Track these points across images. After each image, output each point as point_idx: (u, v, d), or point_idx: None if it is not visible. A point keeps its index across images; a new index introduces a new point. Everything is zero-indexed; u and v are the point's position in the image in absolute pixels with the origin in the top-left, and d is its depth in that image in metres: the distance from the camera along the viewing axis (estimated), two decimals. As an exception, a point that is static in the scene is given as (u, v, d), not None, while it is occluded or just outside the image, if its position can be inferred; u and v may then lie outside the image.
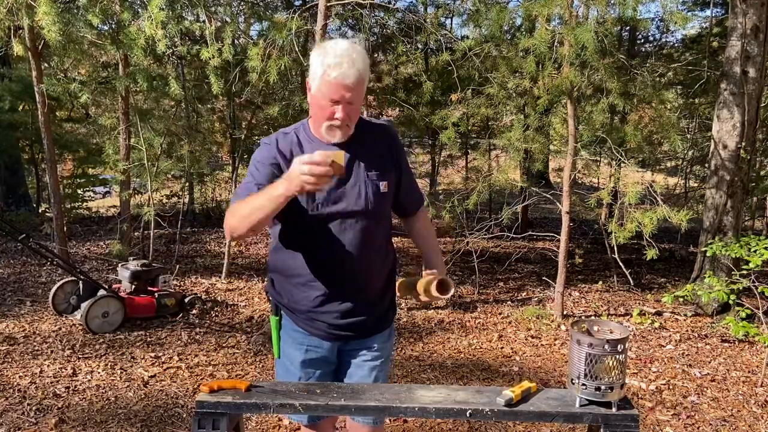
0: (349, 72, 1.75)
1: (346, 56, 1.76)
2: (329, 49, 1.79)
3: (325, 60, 1.77)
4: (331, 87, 1.77)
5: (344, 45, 1.79)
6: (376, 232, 1.95)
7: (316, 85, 1.81)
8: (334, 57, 1.76)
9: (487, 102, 5.89)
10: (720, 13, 8.72)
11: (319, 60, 1.79)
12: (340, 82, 1.76)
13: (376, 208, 1.92)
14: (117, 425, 3.27)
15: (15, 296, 5.57)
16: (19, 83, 8.69)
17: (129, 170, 6.60)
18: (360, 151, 1.91)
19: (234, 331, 4.85)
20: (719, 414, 3.62)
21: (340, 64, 1.75)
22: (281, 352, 2.08)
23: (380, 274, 2.03)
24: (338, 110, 1.80)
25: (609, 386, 1.64)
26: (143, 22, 5.35)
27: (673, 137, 5.49)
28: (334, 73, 1.75)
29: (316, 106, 1.84)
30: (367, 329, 2.03)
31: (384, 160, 1.96)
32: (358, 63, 1.77)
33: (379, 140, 1.98)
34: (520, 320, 5.33)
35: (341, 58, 1.75)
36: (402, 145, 2.07)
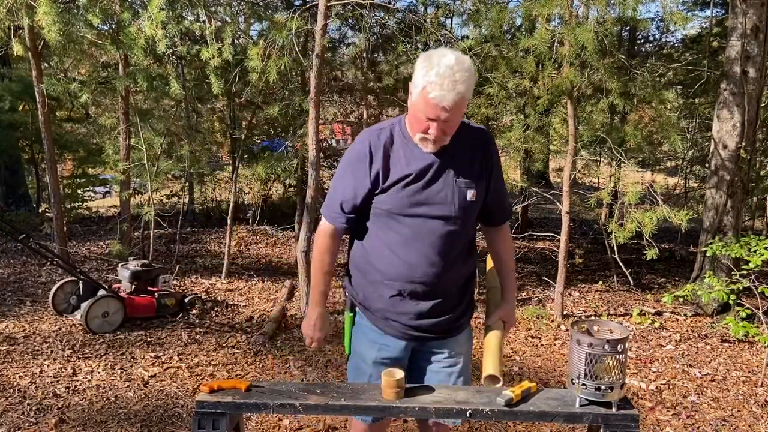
0: (449, 95, 1.72)
1: (448, 77, 1.71)
2: (435, 63, 1.73)
3: (428, 75, 1.72)
4: (428, 105, 1.75)
5: (449, 62, 1.72)
6: (458, 238, 1.93)
7: (415, 96, 1.79)
8: (436, 75, 1.71)
9: (487, 102, 5.89)
10: (720, 13, 8.72)
11: (422, 72, 1.75)
12: (438, 103, 1.73)
13: (461, 215, 1.91)
14: (117, 425, 3.27)
15: (15, 296, 5.57)
16: (19, 83, 8.69)
17: (129, 170, 6.60)
18: (452, 155, 1.89)
19: (234, 331, 4.85)
20: (719, 414, 3.62)
21: (441, 84, 1.71)
22: (352, 349, 2.09)
23: (459, 279, 2.01)
24: (432, 127, 1.79)
25: (609, 386, 1.64)
26: (143, 22, 5.35)
27: (673, 137, 5.49)
28: (433, 93, 1.72)
29: (413, 116, 1.83)
30: (442, 331, 2.02)
31: (476, 166, 1.93)
32: (459, 85, 1.72)
33: (473, 146, 1.93)
34: (520, 320, 5.33)
35: (443, 79, 1.70)
36: (497, 153, 2.01)
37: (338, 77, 9.08)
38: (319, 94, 5.16)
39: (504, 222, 2.11)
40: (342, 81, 9.10)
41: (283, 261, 7.59)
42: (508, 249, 2.13)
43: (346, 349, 2.11)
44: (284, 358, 4.31)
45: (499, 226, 2.10)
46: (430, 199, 1.88)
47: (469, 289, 2.08)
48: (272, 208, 10.39)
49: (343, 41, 9.32)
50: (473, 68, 1.78)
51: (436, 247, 1.89)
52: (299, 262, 5.31)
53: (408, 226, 1.89)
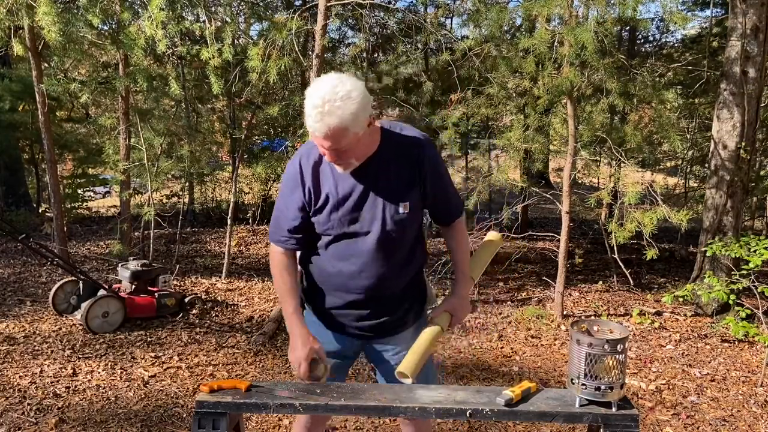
0: (317, 125, 1.69)
1: (316, 107, 1.67)
2: (310, 93, 1.71)
3: (306, 105, 1.72)
4: (317, 139, 1.75)
5: (321, 92, 1.69)
6: (395, 249, 1.95)
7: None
8: (308, 106, 1.70)
9: (487, 102, 5.89)
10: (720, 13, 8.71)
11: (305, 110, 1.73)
12: (313, 133, 1.73)
13: (394, 228, 1.91)
14: (117, 425, 3.27)
15: (15, 296, 5.57)
16: (19, 83, 8.69)
17: (129, 170, 6.60)
18: (379, 171, 1.88)
19: (234, 331, 4.85)
20: (719, 414, 3.62)
21: (310, 116, 1.70)
22: None
23: (401, 282, 2.03)
24: (326, 155, 1.80)
25: (609, 386, 1.64)
26: (143, 22, 5.35)
27: (672, 137, 5.49)
28: (307, 123, 1.73)
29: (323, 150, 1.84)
30: (385, 331, 2.06)
31: (405, 178, 1.90)
32: (327, 117, 1.67)
33: (403, 157, 1.90)
34: (520, 320, 5.33)
35: (312, 110, 1.68)
36: (434, 156, 1.95)
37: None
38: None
39: (452, 221, 2.10)
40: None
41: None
42: (460, 243, 2.12)
43: None
44: (284, 358, 4.31)
45: (451, 224, 2.10)
46: (360, 217, 1.90)
47: (416, 287, 2.09)
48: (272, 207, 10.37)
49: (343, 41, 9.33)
50: (357, 93, 1.70)
51: (372, 261, 1.93)
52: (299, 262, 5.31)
53: (343, 244, 1.94)
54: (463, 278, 2.10)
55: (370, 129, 1.79)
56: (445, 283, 6.49)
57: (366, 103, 1.73)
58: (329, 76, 1.75)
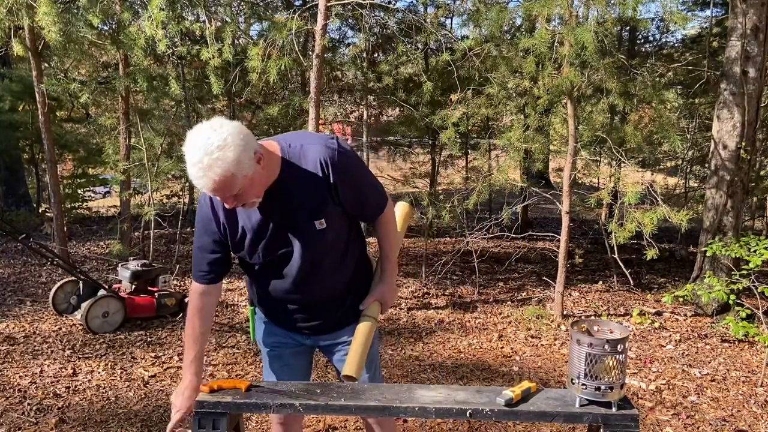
0: (201, 182, 1.66)
1: (196, 166, 1.64)
2: (186, 151, 1.66)
3: (187, 164, 1.67)
4: (210, 191, 1.71)
5: (196, 148, 1.63)
6: (321, 261, 1.96)
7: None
8: (189, 165, 1.66)
9: (487, 102, 5.89)
10: (720, 13, 8.71)
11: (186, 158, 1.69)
12: (206, 188, 1.69)
13: (316, 244, 1.92)
14: (117, 425, 3.27)
15: (15, 296, 5.57)
16: (19, 83, 8.69)
17: (129, 170, 6.60)
18: (285, 197, 1.85)
19: (234, 331, 4.85)
20: (719, 414, 3.62)
21: (191, 173, 1.66)
22: (257, 339, 2.24)
23: (337, 284, 2.05)
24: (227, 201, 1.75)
25: (609, 386, 1.64)
26: (143, 22, 5.35)
27: (672, 137, 5.49)
28: (198, 185, 1.69)
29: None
30: (330, 329, 2.12)
31: (317, 197, 1.86)
32: (209, 171, 1.63)
33: (308, 179, 1.84)
34: (520, 320, 5.33)
35: (192, 168, 1.65)
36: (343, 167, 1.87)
37: (338, 77, 9.08)
38: (319, 94, 5.16)
39: (374, 218, 2.09)
40: (342, 81, 9.11)
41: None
42: (386, 234, 2.12)
43: (252, 336, 2.28)
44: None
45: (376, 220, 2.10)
46: (281, 242, 1.91)
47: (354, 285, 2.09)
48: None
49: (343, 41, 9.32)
50: (232, 138, 1.65)
51: (302, 277, 1.96)
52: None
53: (272, 266, 1.96)
54: (389, 266, 2.14)
55: (263, 163, 1.74)
56: (445, 283, 6.49)
57: (246, 144, 1.67)
58: (200, 128, 1.68)
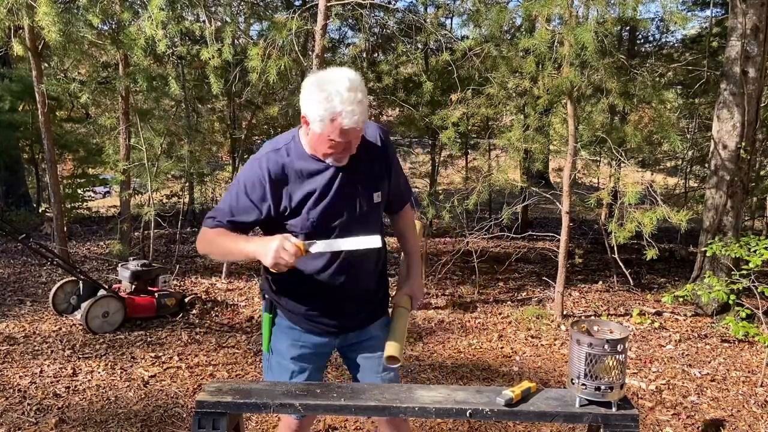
0: (362, 117, 1.74)
1: (355, 101, 1.71)
2: (334, 92, 1.71)
3: (333, 106, 1.71)
4: (343, 132, 1.75)
5: (347, 85, 1.71)
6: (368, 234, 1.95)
7: (322, 128, 1.76)
8: (341, 103, 1.70)
9: (487, 102, 5.89)
10: (720, 13, 8.71)
11: (322, 104, 1.72)
12: (354, 127, 1.74)
13: (370, 219, 1.96)
14: (117, 425, 3.27)
15: (15, 296, 5.57)
16: (19, 83, 8.69)
17: (129, 170, 6.60)
18: (355, 165, 1.91)
19: (234, 331, 4.85)
20: (719, 414, 3.62)
21: (352, 112, 1.71)
22: (274, 348, 2.11)
23: (374, 275, 2.08)
24: (348, 146, 1.81)
25: (609, 386, 1.64)
26: (143, 22, 5.35)
27: (672, 137, 5.49)
28: (347, 121, 1.72)
29: (321, 143, 1.81)
30: (362, 323, 2.10)
31: (377, 170, 1.97)
32: (364, 101, 1.73)
33: (372, 151, 1.96)
34: (520, 320, 5.33)
35: (353, 106, 1.71)
36: (392, 145, 2.05)
37: (338, 77, 9.06)
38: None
39: (401, 207, 2.16)
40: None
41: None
42: (410, 228, 2.20)
43: (264, 347, 2.13)
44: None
45: (402, 210, 2.17)
46: (338, 210, 1.91)
47: (383, 280, 2.16)
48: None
49: (343, 41, 9.31)
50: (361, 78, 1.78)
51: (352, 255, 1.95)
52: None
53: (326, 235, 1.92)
54: (416, 261, 2.21)
55: None
56: (445, 283, 6.49)
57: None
58: (329, 73, 1.76)
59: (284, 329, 2.07)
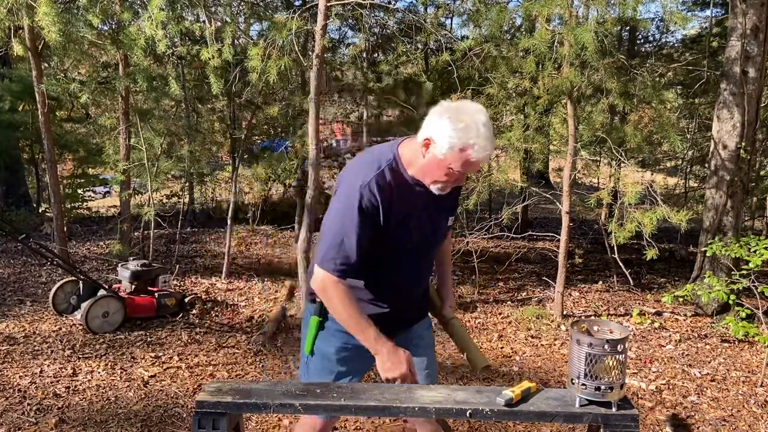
0: (489, 155, 1.82)
1: (489, 138, 1.78)
2: (471, 124, 1.77)
3: (468, 137, 1.77)
4: (466, 163, 1.81)
5: (484, 120, 1.78)
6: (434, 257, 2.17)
7: (448, 155, 1.80)
8: (477, 137, 1.77)
9: (487, 102, 5.88)
10: (720, 13, 8.71)
11: (458, 133, 1.77)
12: (480, 160, 1.81)
13: (441, 238, 2.13)
14: (117, 425, 3.27)
15: (15, 296, 5.57)
16: (19, 83, 8.69)
17: (129, 170, 6.60)
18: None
19: (234, 331, 4.85)
20: (719, 414, 3.62)
21: (484, 147, 1.78)
22: (319, 351, 2.09)
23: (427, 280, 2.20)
24: (461, 177, 1.87)
25: (609, 386, 1.64)
26: (143, 22, 5.35)
27: (672, 137, 5.49)
28: (476, 155, 1.79)
29: (438, 168, 1.85)
30: (410, 323, 2.19)
31: (455, 194, 2.09)
32: (494, 142, 1.81)
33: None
34: (520, 320, 5.33)
35: (486, 141, 1.78)
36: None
37: (338, 77, 9.08)
38: (319, 94, 5.16)
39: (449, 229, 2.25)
40: (342, 81, 9.11)
41: (283, 261, 7.59)
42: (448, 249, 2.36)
43: (307, 350, 2.11)
44: (284, 358, 4.32)
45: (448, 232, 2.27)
46: (424, 231, 2.00)
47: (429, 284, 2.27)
48: (272, 208, 10.38)
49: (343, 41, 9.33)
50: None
51: (420, 269, 2.09)
52: (299, 262, 5.31)
53: (404, 257, 2.01)
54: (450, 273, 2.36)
55: None
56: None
57: None
58: (467, 105, 1.86)
59: (334, 332, 2.06)
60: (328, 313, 2.04)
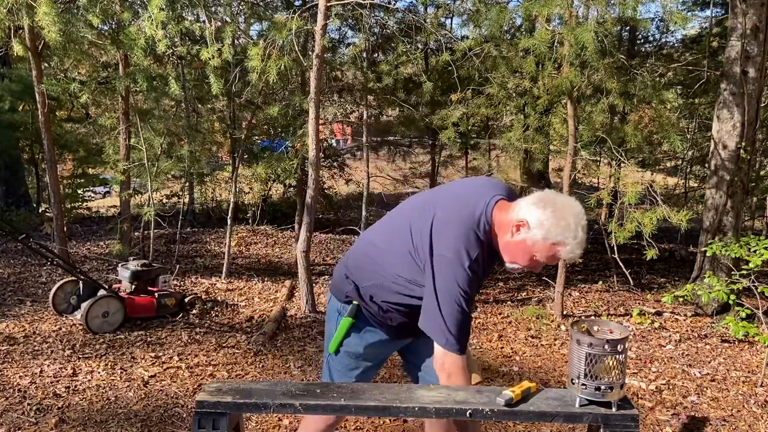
0: (578, 250, 1.80)
1: (581, 243, 1.79)
2: (573, 225, 1.78)
3: (565, 235, 1.78)
4: (551, 256, 1.83)
5: (584, 224, 1.80)
6: None
7: (539, 244, 1.81)
8: (573, 239, 1.78)
9: (487, 102, 5.89)
10: (720, 13, 8.71)
11: (557, 229, 1.78)
12: (566, 258, 1.83)
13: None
14: (117, 425, 3.27)
15: (15, 296, 5.57)
16: (19, 83, 8.69)
17: (129, 170, 6.60)
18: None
19: (234, 331, 4.85)
20: (719, 414, 3.62)
21: (573, 250, 1.79)
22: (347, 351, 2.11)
23: None
24: (539, 265, 1.87)
25: (609, 386, 1.64)
26: (143, 22, 5.35)
27: (672, 137, 5.49)
28: (565, 255, 1.81)
29: (523, 251, 1.85)
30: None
31: None
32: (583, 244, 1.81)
33: None
34: (520, 320, 5.33)
35: (578, 247, 1.79)
36: None
37: (338, 77, 9.09)
38: (319, 94, 5.16)
39: None
40: (342, 81, 9.11)
41: (283, 261, 7.59)
42: None
43: (332, 349, 2.12)
44: (284, 358, 4.31)
45: None
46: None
47: None
48: (272, 208, 10.39)
49: (343, 41, 9.33)
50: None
51: None
52: (299, 262, 5.31)
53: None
54: None
55: None
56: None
57: None
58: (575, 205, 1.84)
59: (366, 331, 2.08)
60: (361, 314, 2.06)
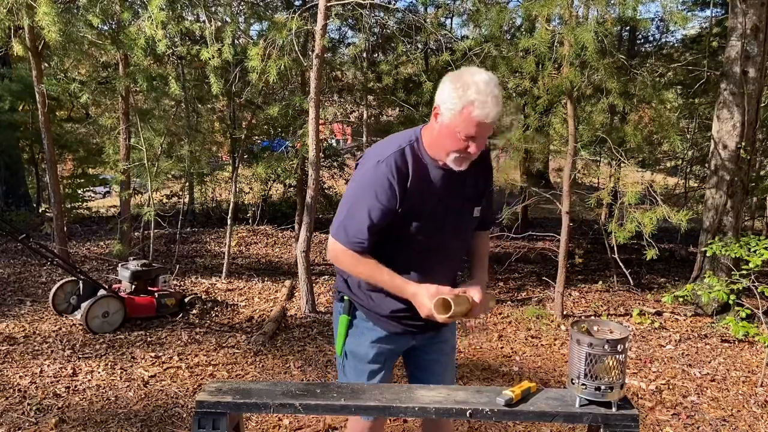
0: (493, 111, 1.74)
1: (490, 94, 1.72)
2: (470, 83, 1.73)
3: (467, 95, 1.73)
4: (470, 124, 1.75)
5: (486, 79, 1.74)
6: (461, 250, 2.04)
7: (451, 118, 1.77)
8: (477, 93, 1.72)
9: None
10: (720, 13, 8.71)
11: (457, 93, 1.74)
12: (483, 120, 1.74)
13: (468, 231, 2.01)
14: (117, 425, 3.27)
15: (15, 296, 5.57)
16: (19, 83, 8.69)
17: (129, 170, 6.60)
18: (464, 179, 1.91)
19: (234, 331, 4.85)
20: (719, 414, 3.62)
21: (484, 102, 1.72)
22: (350, 352, 2.08)
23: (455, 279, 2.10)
24: (472, 145, 1.79)
25: (609, 386, 1.64)
26: (143, 22, 5.35)
27: (672, 137, 5.50)
28: (477, 111, 1.73)
29: (447, 137, 1.80)
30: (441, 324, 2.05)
31: (480, 183, 1.99)
32: (500, 100, 1.75)
33: (478, 165, 1.94)
34: (520, 320, 5.33)
35: (486, 96, 1.72)
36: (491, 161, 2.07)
37: (338, 77, 9.08)
38: (319, 94, 5.16)
39: (489, 227, 2.19)
40: (342, 81, 9.11)
41: (283, 261, 7.59)
42: (485, 246, 2.19)
43: (338, 350, 2.11)
44: (284, 358, 4.31)
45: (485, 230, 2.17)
46: (446, 218, 1.92)
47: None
48: (272, 208, 10.39)
49: (343, 41, 9.32)
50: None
51: (444, 262, 1.99)
52: (299, 262, 5.31)
53: (424, 246, 1.92)
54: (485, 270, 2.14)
55: None
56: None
57: None
58: (470, 68, 1.80)
59: (363, 330, 2.05)
60: (356, 311, 2.04)
